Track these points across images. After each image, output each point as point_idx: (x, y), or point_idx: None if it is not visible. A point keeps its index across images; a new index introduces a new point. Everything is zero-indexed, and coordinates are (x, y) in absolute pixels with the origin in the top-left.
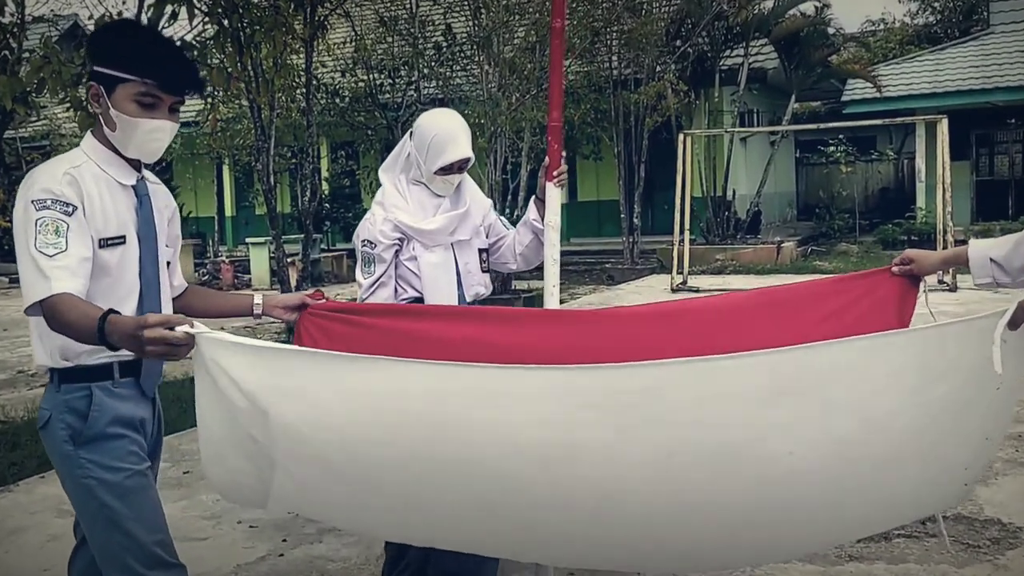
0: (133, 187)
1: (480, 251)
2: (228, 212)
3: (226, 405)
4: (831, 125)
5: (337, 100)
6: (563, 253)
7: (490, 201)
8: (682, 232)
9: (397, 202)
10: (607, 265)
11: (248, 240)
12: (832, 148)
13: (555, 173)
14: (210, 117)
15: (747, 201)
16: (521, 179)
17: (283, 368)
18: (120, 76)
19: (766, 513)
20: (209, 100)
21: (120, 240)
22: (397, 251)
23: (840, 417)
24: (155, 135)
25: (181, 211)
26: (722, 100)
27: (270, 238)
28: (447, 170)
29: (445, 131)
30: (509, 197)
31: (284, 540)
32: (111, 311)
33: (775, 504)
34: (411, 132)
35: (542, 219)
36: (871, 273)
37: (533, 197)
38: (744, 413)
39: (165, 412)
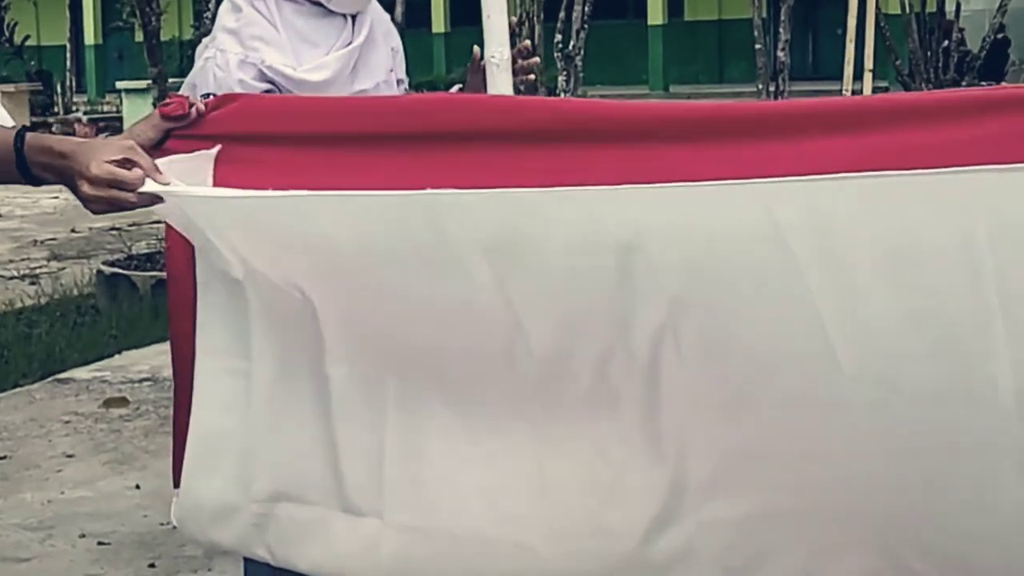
0: None
1: None
2: (90, 39)
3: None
4: None
5: None
6: None
7: (388, 16)
8: (859, 76)
9: (262, 32)
10: None
11: (121, 85)
12: None
13: None
14: None
15: (983, 21)
16: None
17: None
18: None
19: None
20: None
21: None
22: None
23: None
24: None
25: (12, 33)
26: None
27: (152, 81)
28: None
29: None
30: (559, 22)
31: (151, 565)
32: (25, 127)
33: None
34: None
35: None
36: None
37: None
38: None
39: None
